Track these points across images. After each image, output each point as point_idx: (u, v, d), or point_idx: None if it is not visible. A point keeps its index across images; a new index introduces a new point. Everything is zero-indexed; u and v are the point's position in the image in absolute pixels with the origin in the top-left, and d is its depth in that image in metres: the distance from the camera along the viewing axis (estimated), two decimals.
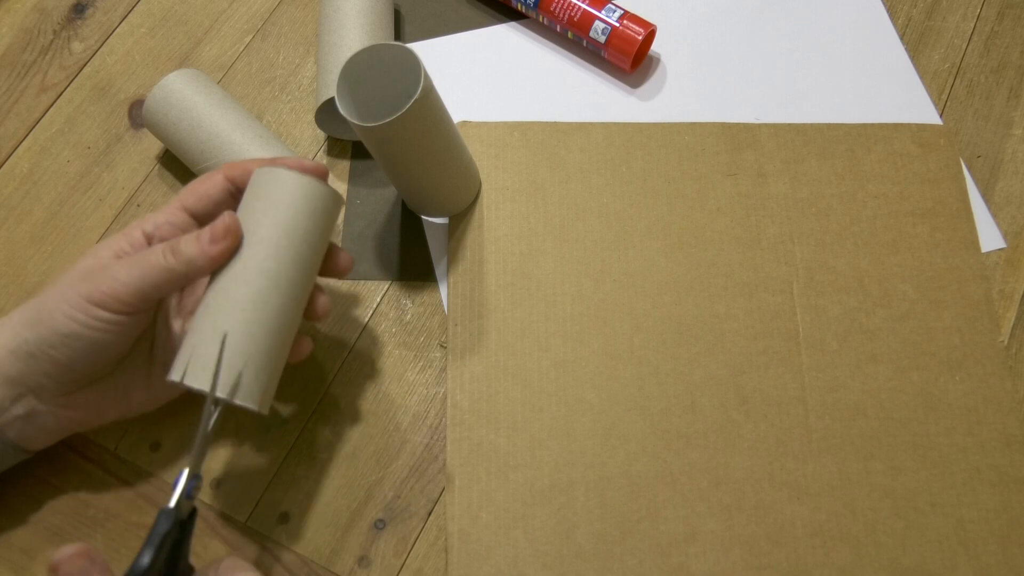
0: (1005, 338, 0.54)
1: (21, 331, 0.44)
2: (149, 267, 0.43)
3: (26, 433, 0.45)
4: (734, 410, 0.52)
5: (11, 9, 0.66)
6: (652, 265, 0.56)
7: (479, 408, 0.52)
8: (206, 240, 0.43)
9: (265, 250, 0.43)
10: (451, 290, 0.55)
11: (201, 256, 0.43)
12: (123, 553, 0.49)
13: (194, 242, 0.43)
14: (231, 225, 0.43)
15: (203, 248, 0.43)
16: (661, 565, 0.49)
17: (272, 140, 0.56)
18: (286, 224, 0.44)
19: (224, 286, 0.43)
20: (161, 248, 0.43)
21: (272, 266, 0.43)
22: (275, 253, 0.44)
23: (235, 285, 0.43)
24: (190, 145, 0.55)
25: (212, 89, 0.57)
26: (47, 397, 0.45)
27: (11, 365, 0.43)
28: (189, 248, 0.43)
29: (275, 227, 0.44)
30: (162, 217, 0.46)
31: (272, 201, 0.44)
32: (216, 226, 0.43)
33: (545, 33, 0.65)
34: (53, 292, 0.44)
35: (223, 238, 0.43)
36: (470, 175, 0.56)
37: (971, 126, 0.61)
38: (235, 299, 0.43)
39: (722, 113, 0.61)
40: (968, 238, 0.56)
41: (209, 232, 0.43)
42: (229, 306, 0.42)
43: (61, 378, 0.44)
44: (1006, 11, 0.65)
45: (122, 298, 0.42)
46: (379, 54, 0.48)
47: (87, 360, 0.44)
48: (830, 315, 0.54)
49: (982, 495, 0.50)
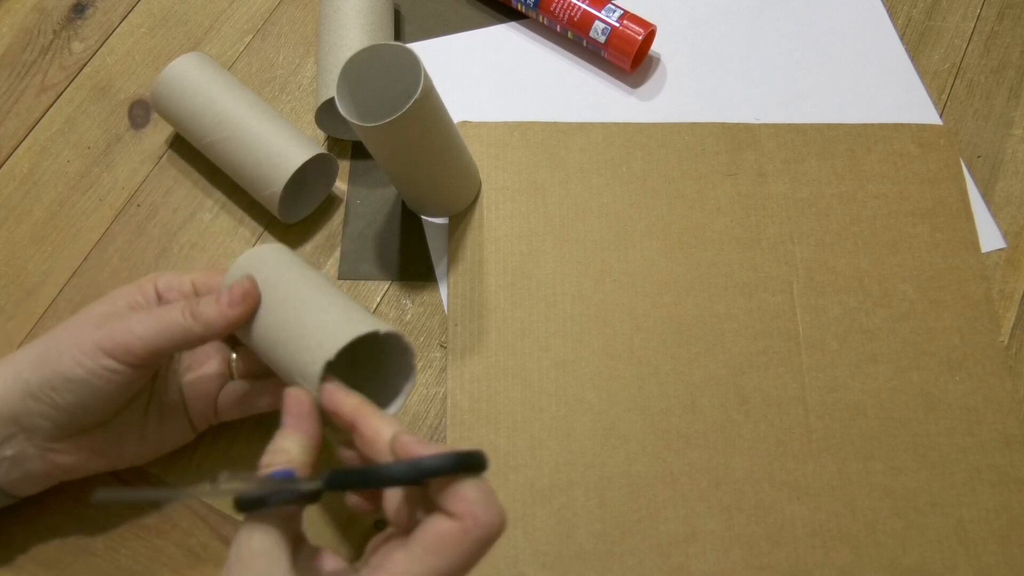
0: (1005, 338, 0.54)
1: (23, 370, 0.43)
2: (168, 324, 0.43)
3: (11, 476, 0.45)
4: (734, 410, 0.52)
5: (11, 9, 0.66)
6: (652, 265, 0.56)
7: (479, 408, 0.52)
8: (225, 303, 0.43)
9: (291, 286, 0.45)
10: (451, 290, 0.55)
11: (220, 319, 0.43)
12: (122, 552, 0.49)
13: (213, 305, 0.43)
14: (249, 290, 0.44)
15: (222, 311, 0.43)
16: (661, 565, 0.49)
17: (283, 121, 0.57)
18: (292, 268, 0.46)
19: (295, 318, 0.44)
20: (180, 307, 0.43)
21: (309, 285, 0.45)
22: (302, 279, 0.45)
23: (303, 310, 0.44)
24: (205, 118, 0.56)
25: (223, 72, 0.58)
26: (39, 440, 0.44)
27: (6, 403, 0.43)
28: (208, 310, 0.43)
29: (285, 276, 0.46)
30: (174, 282, 0.47)
31: (268, 266, 0.46)
32: (234, 290, 0.44)
33: (545, 33, 0.65)
34: (64, 334, 0.44)
35: (241, 302, 0.43)
36: (470, 175, 0.56)
37: (971, 126, 0.61)
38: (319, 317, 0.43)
39: (722, 113, 0.61)
40: (968, 238, 0.56)
41: (228, 296, 0.43)
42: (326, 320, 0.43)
43: (58, 420, 0.44)
44: (1006, 11, 0.65)
45: (135, 351, 0.42)
46: (379, 54, 0.48)
47: (86, 407, 0.43)
48: (830, 315, 0.54)
49: (982, 495, 0.50)
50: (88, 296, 0.56)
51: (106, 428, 0.46)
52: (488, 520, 0.36)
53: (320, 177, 0.58)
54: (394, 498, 0.39)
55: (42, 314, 0.56)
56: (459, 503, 0.36)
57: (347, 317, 0.43)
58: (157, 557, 0.49)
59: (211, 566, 0.49)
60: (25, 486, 0.46)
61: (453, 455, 0.36)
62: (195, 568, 0.49)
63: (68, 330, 0.44)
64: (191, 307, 0.43)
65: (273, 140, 0.54)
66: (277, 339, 0.43)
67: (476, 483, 0.36)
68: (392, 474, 0.37)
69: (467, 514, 0.36)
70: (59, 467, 0.45)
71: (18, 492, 0.46)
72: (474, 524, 0.36)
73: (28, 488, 0.46)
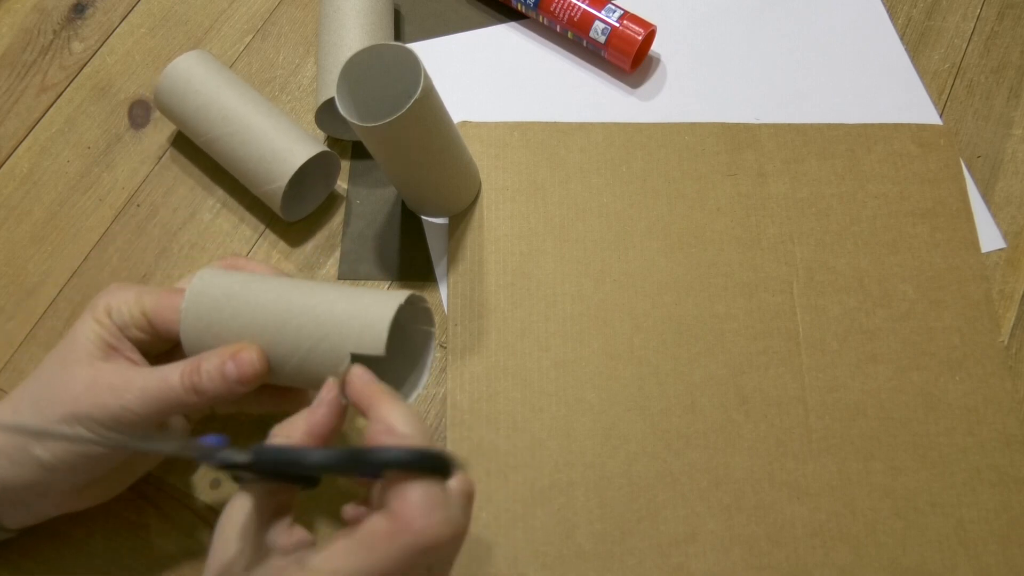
0: (1005, 338, 0.54)
1: (27, 446, 0.41)
2: (166, 395, 0.40)
3: (15, 518, 0.45)
4: (734, 410, 0.52)
5: (11, 9, 0.66)
6: (652, 265, 0.56)
7: (479, 408, 0.52)
8: (234, 379, 0.40)
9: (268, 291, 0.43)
10: (451, 290, 0.55)
11: (228, 394, 0.40)
12: (122, 552, 0.49)
13: (219, 379, 0.40)
14: (260, 369, 0.41)
15: (230, 387, 0.40)
16: (661, 565, 0.49)
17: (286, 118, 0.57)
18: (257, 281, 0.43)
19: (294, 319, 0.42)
20: (179, 375, 0.40)
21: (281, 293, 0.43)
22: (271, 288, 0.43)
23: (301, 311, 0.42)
24: (210, 113, 0.56)
25: (227, 70, 0.58)
26: (57, 499, 0.44)
27: (19, 478, 0.42)
28: (215, 386, 0.40)
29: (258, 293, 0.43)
30: (125, 310, 0.42)
31: (230, 281, 0.43)
32: (244, 367, 0.40)
33: (545, 33, 0.65)
34: (55, 408, 0.41)
35: (251, 380, 0.40)
36: (470, 175, 0.56)
37: (971, 126, 0.61)
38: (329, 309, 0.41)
39: (722, 113, 0.61)
40: (968, 238, 0.56)
41: (237, 371, 0.40)
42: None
43: (77, 483, 0.43)
44: (1006, 11, 0.65)
45: (136, 424, 0.41)
46: (379, 54, 0.48)
47: (102, 467, 0.43)
48: (830, 315, 0.54)
49: (982, 495, 0.50)
50: (88, 296, 0.56)
51: (116, 469, 0.45)
52: (423, 526, 0.34)
53: (321, 176, 0.58)
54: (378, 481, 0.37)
55: (42, 314, 0.56)
56: (398, 503, 0.34)
57: (371, 301, 0.41)
58: (157, 557, 0.49)
59: None
60: (26, 521, 0.46)
61: (405, 452, 0.34)
62: (195, 568, 0.49)
63: (56, 404, 0.41)
64: (192, 379, 0.40)
65: (277, 136, 0.54)
66: (291, 350, 0.41)
67: (424, 486, 0.34)
68: (324, 461, 0.35)
69: (401, 516, 0.34)
70: (57, 507, 0.45)
71: (15, 525, 0.46)
72: (405, 527, 0.34)
73: (28, 523, 0.46)
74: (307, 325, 0.41)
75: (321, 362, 0.41)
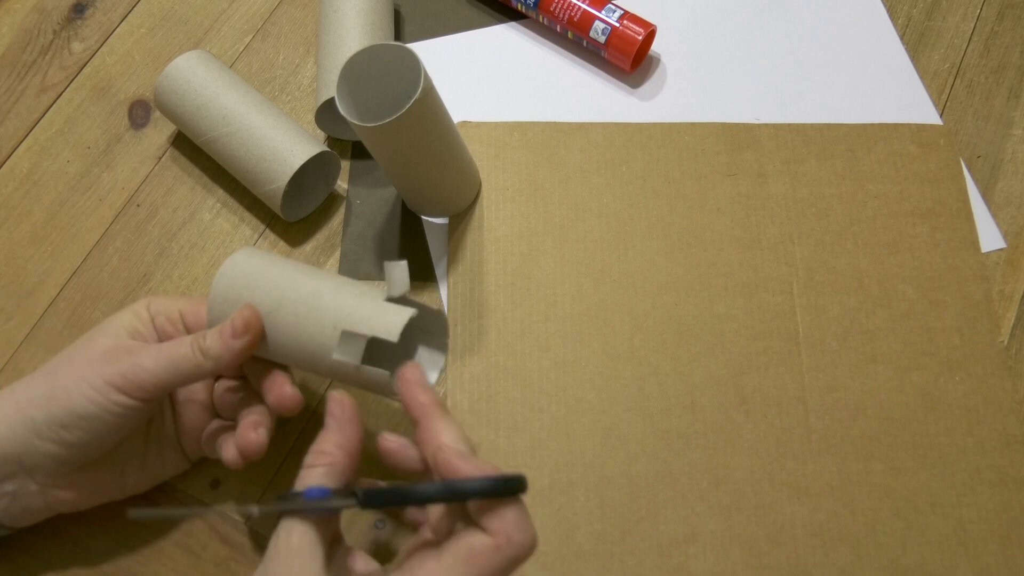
0: (1005, 338, 0.54)
1: (27, 408, 0.43)
2: (178, 359, 0.43)
3: (10, 511, 0.45)
4: (734, 410, 0.52)
5: (11, 9, 0.66)
6: (652, 265, 0.56)
7: (479, 408, 0.52)
8: (228, 335, 0.43)
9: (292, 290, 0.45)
10: (451, 290, 0.55)
11: (227, 352, 0.43)
12: (122, 552, 0.49)
13: (218, 339, 0.43)
14: (249, 318, 0.44)
15: (227, 344, 0.43)
16: (661, 565, 0.49)
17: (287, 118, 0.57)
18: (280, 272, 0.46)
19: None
20: (189, 342, 0.43)
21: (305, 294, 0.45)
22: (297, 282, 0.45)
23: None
24: (210, 112, 0.56)
25: (227, 69, 0.58)
26: (41, 477, 0.44)
27: (11, 442, 0.43)
28: (215, 345, 0.43)
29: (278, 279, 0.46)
30: (163, 309, 0.47)
31: (250, 273, 0.46)
32: (236, 322, 0.43)
33: (545, 33, 0.65)
34: (69, 370, 0.43)
35: (244, 332, 0.43)
36: (470, 175, 0.56)
37: (971, 126, 0.61)
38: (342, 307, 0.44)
39: (722, 113, 0.61)
40: (968, 238, 0.56)
41: (230, 328, 0.43)
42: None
43: (64, 458, 0.43)
44: (1006, 11, 0.65)
45: (145, 386, 0.43)
46: (379, 54, 0.48)
47: (98, 442, 0.43)
48: (830, 315, 0.54)
49: (982, 495, 0.50)
50: (88, 296, 0.56)
51: (108, 460, 0.46)
52: (521, 540, 0.37)
53: (321, 176, 0.58)
54: (436, 507, 0.40)
55: (42, 314, 0.56)
56: (496, 521, 0.37)
57: (374, 296, 0.44)
58: (157, 557, 0.49)
59: (211, 566, 0.49)
60: (23, 519, 0.46)
61: (492, 480, 0.37)
62: (195, 568, 0.49)
63: (72, 366, 0.44)
64: (199, 342, 0.43)
65: (278, 136, 0.54)
66: (306, 340, 0.44)
67: (515, 504, 0.38)
68: (428, 494, 0.38)
69: (502, 532, 0.37)
70: (60, 502, 0.45)
71: (16, 524, 0.46)
72: (507, 542, 0.37)
73: (26, 521, 0.46)
74: (319, 305, 0.44)
75: (330, 335, 0.43)
